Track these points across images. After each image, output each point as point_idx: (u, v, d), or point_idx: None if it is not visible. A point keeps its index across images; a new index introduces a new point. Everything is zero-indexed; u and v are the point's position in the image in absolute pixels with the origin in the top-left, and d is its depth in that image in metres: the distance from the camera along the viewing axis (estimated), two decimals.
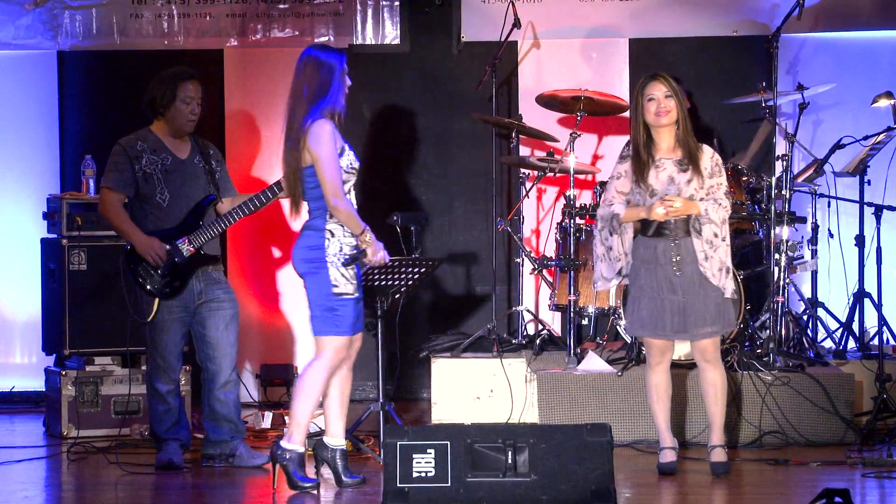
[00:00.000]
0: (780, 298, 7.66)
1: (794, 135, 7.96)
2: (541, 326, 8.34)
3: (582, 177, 8.70)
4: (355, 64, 6.25)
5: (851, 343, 8.21)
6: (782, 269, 7.69)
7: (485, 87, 8.50)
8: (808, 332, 8.14)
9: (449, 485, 5.47)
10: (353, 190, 6.21)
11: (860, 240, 8.26)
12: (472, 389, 7.77)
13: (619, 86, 8.89)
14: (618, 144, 8.62)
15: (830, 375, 7.41)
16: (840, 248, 8.39)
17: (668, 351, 6.54)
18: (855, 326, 8.23)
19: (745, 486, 6.33)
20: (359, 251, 6.10)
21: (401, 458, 5.49)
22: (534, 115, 8.61)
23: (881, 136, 8.10)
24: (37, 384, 8.47)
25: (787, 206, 7.73)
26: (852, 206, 8.40)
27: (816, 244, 8.32)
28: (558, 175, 8.20)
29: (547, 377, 7.43)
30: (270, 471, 6.12)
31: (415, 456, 5.49)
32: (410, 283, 6.88)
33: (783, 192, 7.73)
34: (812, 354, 7.84)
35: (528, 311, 8.46)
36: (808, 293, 8.37)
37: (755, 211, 7.87)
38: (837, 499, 4.89)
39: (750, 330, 7.71)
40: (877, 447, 7.01)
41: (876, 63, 8.84)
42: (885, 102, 8.09)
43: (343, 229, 6.10)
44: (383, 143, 9.02)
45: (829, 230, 8.40)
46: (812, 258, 8.27)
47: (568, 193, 7.93)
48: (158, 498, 6.25)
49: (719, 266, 6.39)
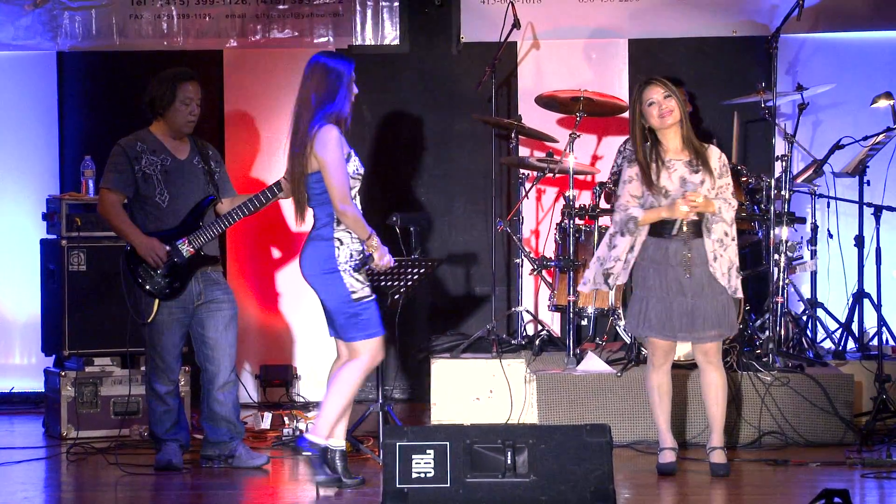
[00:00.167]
0: (780, 299, 7.65)
1: (794, 135, 7.96)
2: (540, 327, 8.34)
3: (581, 177, 8.70)
4: (355, 65, 6.23)
5: (851, 343, 8.22)
6: (782, 269, 7.68)
7: (484, 88, 8.51)
8: (808, 332, 8.14)
9: (448, 485, 5.47)
10: (358, 195, 6.21)
11: (859, 240, 8.27)
12: (472, 390, 7.76)
13: (618, 86, 8.88)
14: (617, 145, 8.63)
15: (830, 376, 7.41)
16: (839, 248, 8.40)
17: (671, 352, 6.55)
18: (854, 327, 8.24)
19: (744, 487, 6.33)
20: (367, 256, 6.10)
21: (400, 459, 5.48)
22: (533, 116, 8.60)
23: (880, 136, 8.11)
24: (36, 385, 8.47)
25: (786, 207, 7.73)
26: (852, 207, 8.40)
27: (816, 245, 8.32)
28: (558, 176, 8.20)
29: (546, 378, 7.43)
30: (270, 471, 6.10)
31: (414, 457, 5.49)
32: (410, 283, 6.88)
33: (782, 192, 7.72)
34: (811, 355, 7.84)
35: (528, 311, 8.46)
36: (807, 294, 8.37)
37: (755, 211, 7.86)
38: (837, 499, 4.89)
39: (749, 330, 7.71)
40: (876, 448, 7.01)
41: (875, 63, 8.84)
42: (884, 103, 8.10)
43: (350, 236, 6.10)
44: (383, 144, 9.02)
45: (829, 231, 8.40)
46: (811, 259, 8.27)
47: (567, 194, 7.92)
48: (158, 498, 6.24)
49: (728, 265, 6.38)
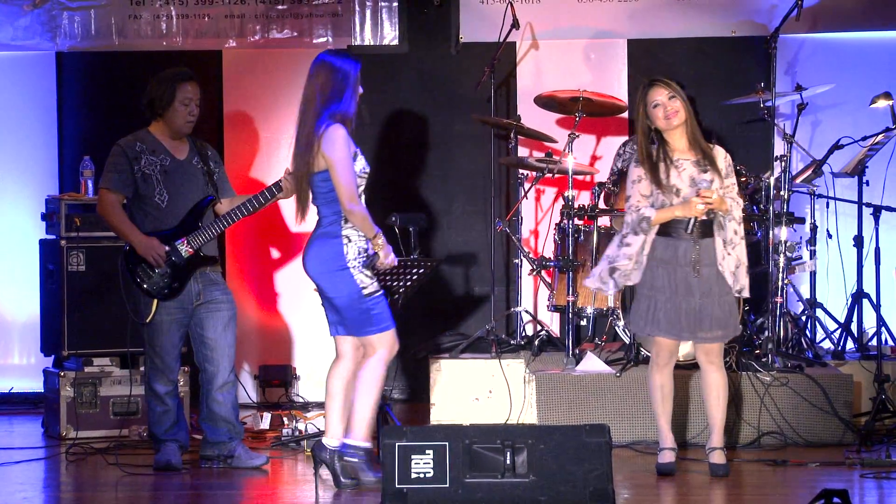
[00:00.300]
0: (779, 299, 7.65)
1: (793, 135, 7.95)
2: (539, 327, 8.34)
3: (580, 177, 8.70)
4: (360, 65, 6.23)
5: (850, 344, 8.22)
6: (781, 269, 7.68)
7: (483, 88, 8.51)
8: (807, 332, 8.14)
9: (447, 486, 5.47)
10: (363, 194, 6.21)
11: (859, 240, 8.26)
12: (471, 390, 7.76)
13: (617, 87, 8.88)
14: (616, 145, 8.62)
15: (829, 376, 7.41)
16: (839, 248, 8.40)
17: (676, 352, 6.53)
18: (853, 327, 8.24)
19: (743, 487, 6.33)
20: (372, 254, 6.10)
21: (399, 459, 5.48)
22: (532, 116, 8.60)
23: (880, 136, 8.10)
24: (35, 385, 8.46)
25: (785, 207, 7.73)
26: (851, 207, 8.40)
27: (815, 245, 8.32)
28: (557, 176, 8.21)
29: (545, 378, 7.43)
30: (269, 471, 6.09)
31: (413, 457, 5.48)
32: (409, 284, 6.88)
33: (782, 192, 7.72)
34: (811, 355, 7.84)
35: (527, 311, 8.46)
36: (806, 294, 8.36)
37: (754, 212, 7.86)
38: (836, 499, 4.89)
39: (749, 331, 7.71)
40: (875, 448, 7.01)
41: (874, 64, 8.83)
42: (883, 103, 8.09)
43: (357, 233, 6.10)
44: (382, 144, 9.01)
45: (828, 231, 8.40)
46: (811, 259, 8.27)
47: (566, 194, 7.91)
48: (157, 499, 6.24)
49: (736, 263, 6.38)
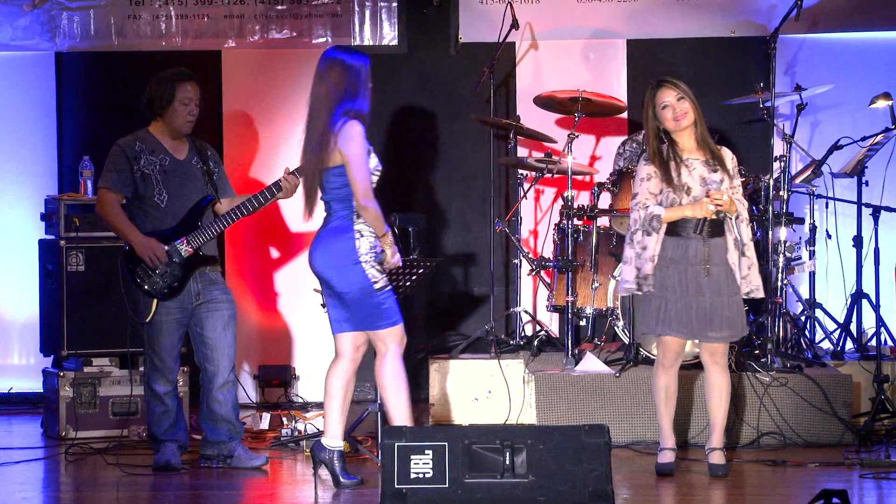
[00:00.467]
0: (779, 299, 7.65)
1: (792, 136, 7.96)
2: (539, 327, 8.34)
3: (580, 178, 8.70)
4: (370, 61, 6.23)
5: (849, 344, 8.22)
6: (780, 270, 7.68)
7: (483, 89, 8.50)
8: (806, 333, 8.14)
9: (447, 486, 5.46)
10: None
11: (858, 241, 8.27)
12: (470, 390, 7.76)
13: (616, 87, 8.88)
14: (615, 145, 8.63)
15: (828, 376, 7.41)
16: (838, 249, 8.40)
17: (682, 354, 6.52)
18: (853, 327, 8.24)
19: (743, 487, 6.33)
20: (380, 251, 6.10)
21: (399, 460, 5.47)
22: (532, 116, 8.60)
23: (879, 137, 8.11)
24: (35, 385, 8.46)
25: (784, 207, 7.73)
26: (850, 207, 8.40)
27: (814, 245, 8.32)
28: (556, 176, 8.21)
29: (545, 378, 7.43)
30: (269, 471, 6.08)
31: (413, 457, 5.48)
32: (408, 284, 6.88)
33: (781, 192, 7.72)
34: (810, 355, 7.84)
35: (526, 312, 8.46)
36: (806, 294, 8.37)
37: (753, 212, 7.87)
38: (835, 500, 4.89)
39: (748, 331, 7.71)
40: (875, 448, 7.01)
41: (874, 64, 8.83)
42: (882, 103, 8.10)
43: (368, 228, 6.10)
44: (381, 145, 9.00)
45: (827, 231, 8.40)
46: (810, 259, 8.27)
47: (566, 194, 7.91)
48: (156, 499, 6.24)
49: (749, 264, 6.38)
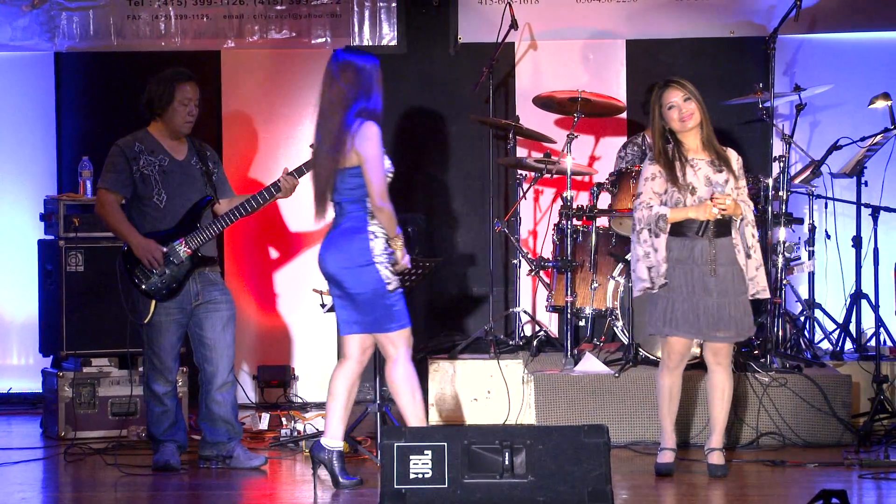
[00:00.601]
0: (778, 300, 7.65)
1: (792, 136, 7.95)
2: (538, 328, 8.34)
3: (579, 178, 8.70)
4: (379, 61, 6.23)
5: (848, 344, 8.22)
6: (779, 270, 7.68)
7: (482, 89, 8.50)
8: (806, 333, 8.14)
9: (446, 486, 5.46)
10: None
11: (857, 241, 8.27)
12: (470, 391, 7.76)
13: (616, 87, 8.88)
14: (615, 146, 8.64)
15: (827, 377, 7.41)
16: (837, 249, 8.40)
17: (687, 355, 6.50)
18: (852, 328, 8.24)
19: (742, 488, 6.33)
20: (391, 252, 6.10)
21: (398, 460, 5.47)
22: (531, 117, 8.60)
23: (878, 137, 8.11)
24: (34, 386, 8.46)
25: (784, 208, 7.73)
26: (849, 208, 8.41)
27: (814, 245, 8.32)
28: (555, 176, 8.21)
29: (544, 378, 7.43)
30: (267, 472, 6.08)
31: (412, 457, 5.48)
32: (408, 284, 6.87)
33: (780, 193, 7.72)
34: (809, 356, 7.84)
35: (525, 312, 8.46)
36: (805, 294, 8.37)
37: (753, 212, 7.86)
38: (835, 500, 4.90)
39: (754, 331, 7.70)
40: (874, 448, 7.02)
41: (873, 64, 8.84)
42: (881, 104, 8.09)
43: (381, 229, 6.10)
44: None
45: (827, 231, 8.41)
46: (809, 259, 8.27)
47: (565, 195, 7.91)
48: (155, 499, 6.24)
49: (757, 265, 6.38)
